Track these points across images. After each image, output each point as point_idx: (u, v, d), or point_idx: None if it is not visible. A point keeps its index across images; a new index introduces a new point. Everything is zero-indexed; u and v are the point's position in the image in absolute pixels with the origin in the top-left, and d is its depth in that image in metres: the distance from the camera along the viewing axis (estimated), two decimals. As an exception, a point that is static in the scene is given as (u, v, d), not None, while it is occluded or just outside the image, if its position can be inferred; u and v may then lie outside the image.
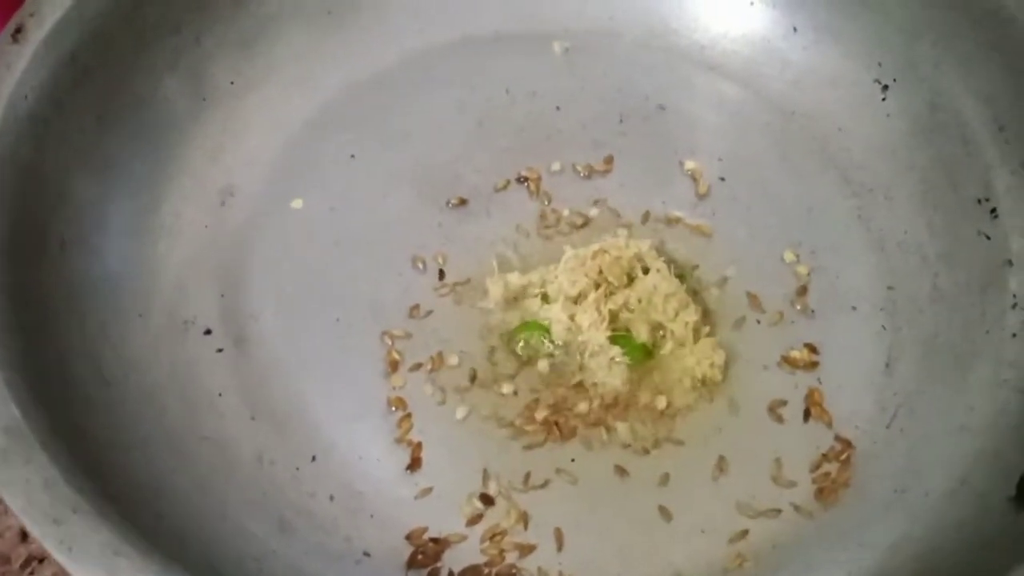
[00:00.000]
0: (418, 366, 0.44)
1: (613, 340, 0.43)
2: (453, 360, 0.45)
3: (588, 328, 0.43)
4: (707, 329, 0.44)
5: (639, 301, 0.44)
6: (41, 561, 0.46)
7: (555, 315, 0.44)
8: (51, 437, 0.32)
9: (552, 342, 0.44)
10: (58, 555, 0.28)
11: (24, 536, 0.47)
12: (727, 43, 0.55)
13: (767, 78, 0.54)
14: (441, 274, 0.47)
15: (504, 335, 0.45)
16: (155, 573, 0.29)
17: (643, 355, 0.43)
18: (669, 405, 0.43)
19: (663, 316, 0.44)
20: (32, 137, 0.40)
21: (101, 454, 0.35)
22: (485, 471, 0.41)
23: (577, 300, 0.44)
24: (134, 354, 0.41)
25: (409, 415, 0.43)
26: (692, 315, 0.44)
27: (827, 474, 0.41)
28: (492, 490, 0.41)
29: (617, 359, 0.43)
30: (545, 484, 0.41)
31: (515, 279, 0.46)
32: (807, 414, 0.43)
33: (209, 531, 0.37)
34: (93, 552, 0.29)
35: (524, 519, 0.40)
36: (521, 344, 0.44)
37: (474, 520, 0.40)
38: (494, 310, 0.46)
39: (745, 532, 0.40)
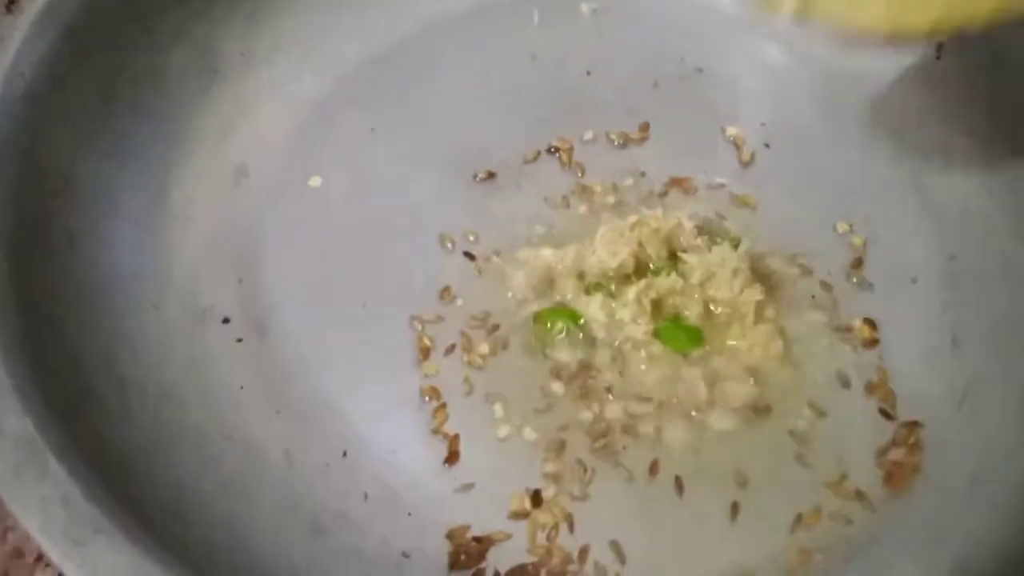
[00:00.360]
0: (451, 350, 0.41)
1: (657, 334, 0.40)
2: (481, 348, 0.42)
3: (629, 323, 0.41)
4: (770, 311, 0.41)
5: (700, 277, 0.41)
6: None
7: (592, 313, 0.41)
8: (67, 448, 0.29)
9: (581, 330, 0.41)
10: (78, 579, 0.26)
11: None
12: (768, 0, 0.51)
13: (811, 37, 0.50)
14: (470, 255, 0.44)
15: (536, 320, 0.42)
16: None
17: (692, 344, 0.40)
18: (720, 398, 0.40)
19: (728, 293, 0.41)
20: (32, 118, 0.37)
21: (121, 461, 0.32)
22: (531, 466, 0.39)
23: (617, 285, 0.41)
24: (150, 349, 0.39)
25: (444, 405, 0.40)
26: (757, 294, 0.41)
27: (895, 461, 0.38)
28: (541, 485, 0.38)
29: (659, 355, 0.40)
30: (593, 478, 0.38)
31: (549, 255, 0.43)
32: (870, 394, 0.40)
33: (239, 537, 0.34)
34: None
35: (570, 518, 0.37)
36: (547, 330, 0.42)
37: (520, 515, 0.37)
38: (527, 291, 0.43)
39: (812, 525, 0.37)
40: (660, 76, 0.50)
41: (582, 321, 0.41)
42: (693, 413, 0.40)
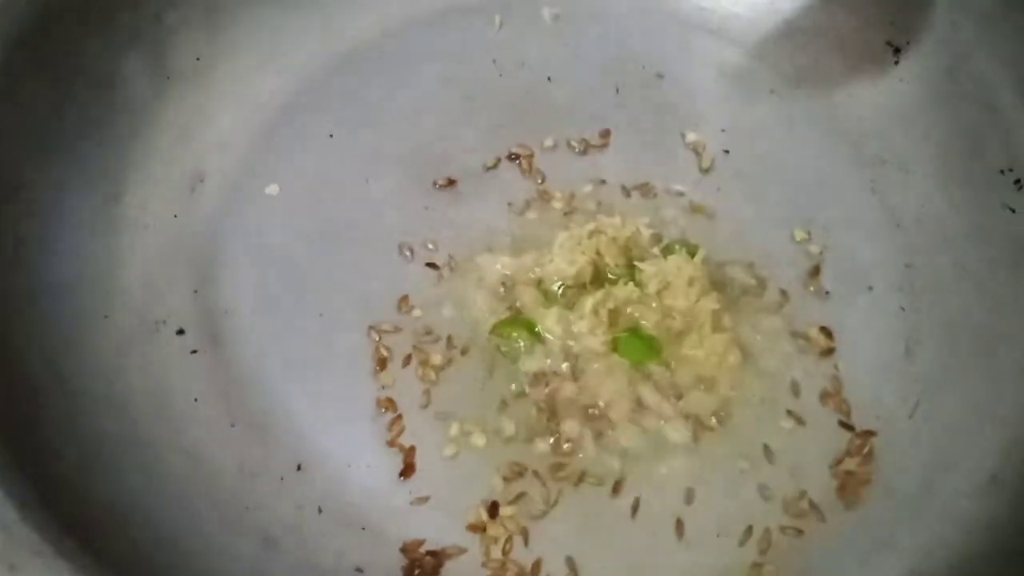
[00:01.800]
0: (408, 361, 0.41)
1: (614, 346, 0.40)
2: (438, 359, 0.41)
3: (587, 335, 0.40)
4: (727, 320, 0.41)
5: (657, 286, 0.41)
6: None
7: (549, 325, 0.41)
8: (8, 466, 0.29)
9: (537, 341, 0.41)
10: (14, 604, 0.25)
11: None
12: (728, 4, 0.51)
13: (771, 42, 0.50)
14: (433, 265, 0.44)
15: (494, 329, 0.42)
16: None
17: (650, 355, 0.40)
18: (678, 407, 0.40)
19: (685, 302, 0.41)
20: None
21: (66, 477, 0.32)
22: (486, 479, 0.38)
23: (575, 294, 0.41)
24: (101, 360, 0.38)
25: (400, 416, 0.40)
26: (714, 303, 0.41)
27: (848, 471, 0.39)
28: (499, 499, 0.38)
29: (616, 366, 0.40)
30: (550, 495, 0.38)
31: (507, 263, 0.43)
32: (824, 404, 0.40)
33: (188, 554, 0.34)
34: (52, 599, 0.26)
35: (525, 532, 0.37)
36: (504, 342, 0.41)
37: (477, 528, 0.37)
38: (485, 302, 0.43)
39: (763, 536, 0.37)
40: (621, 82, 0.50)
41: (538, 330, 0.41)
42: (649, 426, 0.40)
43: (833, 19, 0.49)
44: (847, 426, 0.40)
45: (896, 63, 0.48)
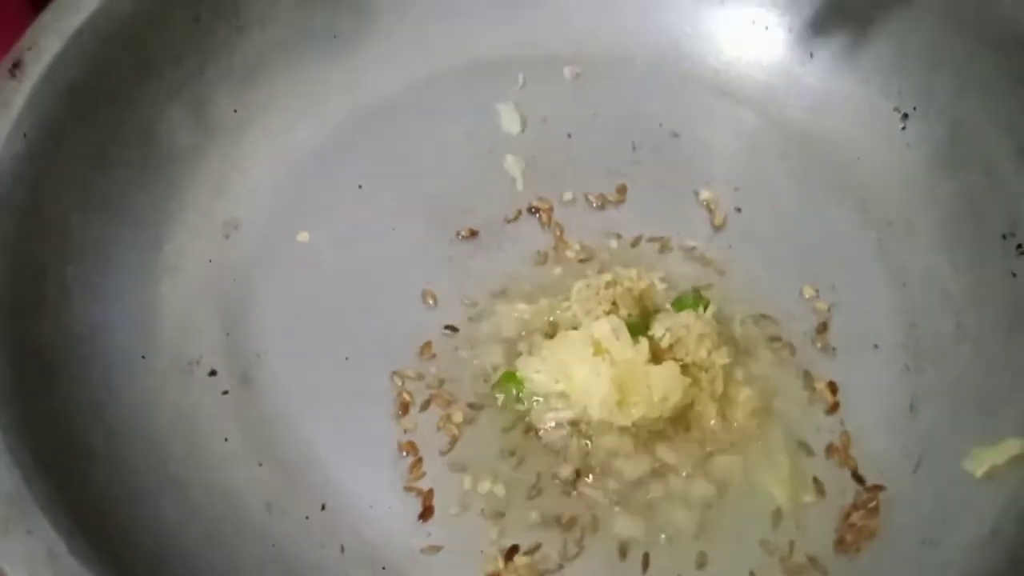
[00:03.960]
0: (428, 406, 0.43)
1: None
2: (459, 416, 0.43)
3: (598, 407, 0.41)
4: (739, 373, 0.43)
5: (669, 340, 0.42)
6: None
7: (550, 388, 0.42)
8: (55, 501, 0.30)
9: (529, 400, 0.42)
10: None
11: None
12: (742, 67, 0.53)
13: (783, 104, 0.52)
14: (452, 328, 0.45)
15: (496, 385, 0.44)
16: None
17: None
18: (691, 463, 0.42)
19: (694, 357, 0.42)
20: (31, 177, 0.39)
21: (106, 512, 0.33)
22: (502, 527, 0.40)
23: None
24: (137, 399, 0.40)
25: (420, 460, 0.42)
26: (724, 357, 0.42)
27: (854, 524, 0.40)
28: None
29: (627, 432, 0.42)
30: (567, 549, 0.40)
31: (525, 309, 0.45)
32: (830, 457, 0.42)
33: (219, 589, 0.35)
34: (100, 633, 0.27)
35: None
36: (507, 397, 0.43)
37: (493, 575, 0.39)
38: (503, 348, 0.44)
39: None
40: (638, 139, 0.52)
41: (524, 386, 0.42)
42: (661, 484, 0.41)
43: (843, 84, 0.51)
44: (859, 479, 0.41)
45: (903, 128, 0.50)
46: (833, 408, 0.43)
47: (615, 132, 0.52)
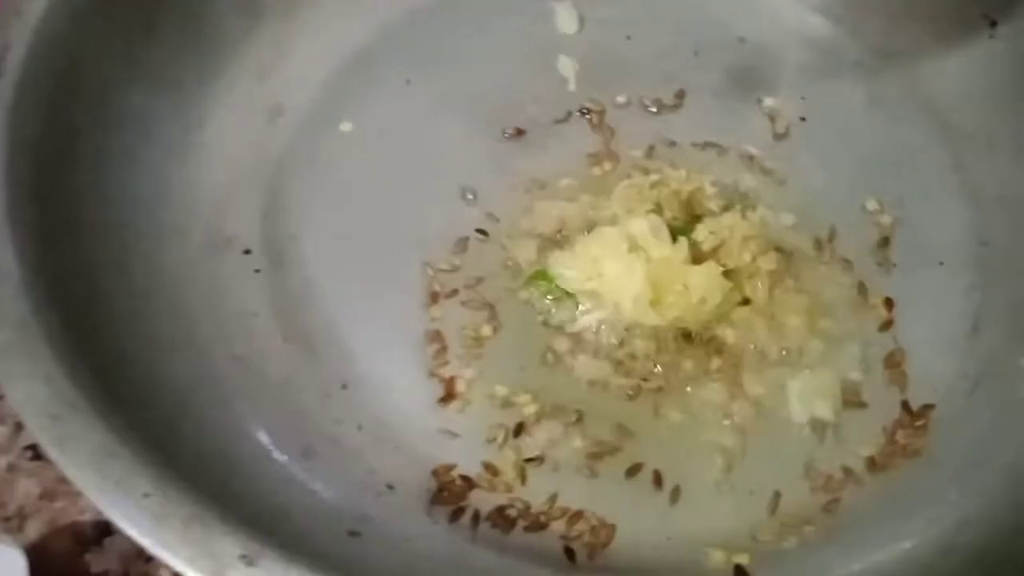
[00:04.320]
0: (454, 295, 0.42)
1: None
2: (488, 311, 0.42)
3: (631, 305, 0.39)
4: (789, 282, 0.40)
5: (713, 243, 0.40)
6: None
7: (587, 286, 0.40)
8: (61, 336, 0.31)
9: (560, 298, 0.41)
10: (51, 452, 0.27)
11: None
12: (817, -28, 0.50)
13: (860, 12, 0.49)
14: (482, 232, 0.44)
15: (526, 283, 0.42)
16: (148, 477, 0.27)
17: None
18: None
19: (738, 262, 0.40)
20: (74, 38, 0.39)
21: (117, 361, 0.33)
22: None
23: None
24: (168, 268, 0.40)
25: (445, 348, 0.41)
26: (771, 263, 0.40)
27: (897, 442, 0.37)
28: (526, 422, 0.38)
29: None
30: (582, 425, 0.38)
31: (565, 207, 0.43)
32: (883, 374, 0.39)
33: (229, 451, 0.35)
34: (87, 451, 0.27)
35: (555, 463, 0.38)
36: (536, 296, 0.41)
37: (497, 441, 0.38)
38: (533, 247, 0.43)
39: (806, 496, 0.36)
40: (701, 44, 0.49)
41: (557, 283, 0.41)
42: (688, 389, 0.39)
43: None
44: (908, 401, 0.39)
45: (991, 37, 0.46)
46: (887, 324, 0.41)
47: (677, 36, 0.50)
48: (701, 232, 0.41)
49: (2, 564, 0.40)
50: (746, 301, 0.40)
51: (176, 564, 0.25)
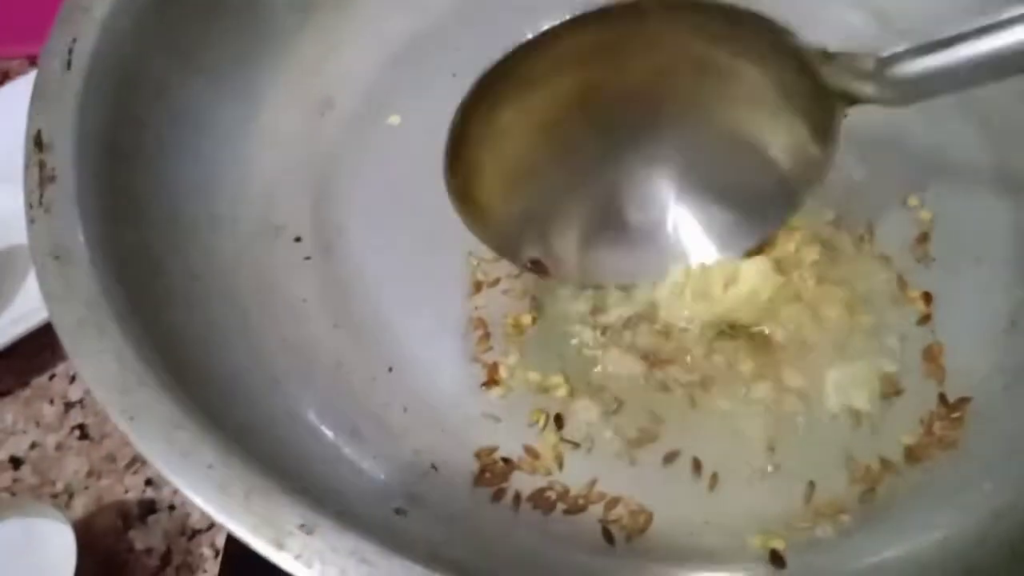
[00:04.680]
0: (496, 282, 0.43)
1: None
2: (528, 301, 0.43)
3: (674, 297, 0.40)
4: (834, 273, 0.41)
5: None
6: (145, 463, 0.48)
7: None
8: (129, 315, 0.32)
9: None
10: (121, 424, 0.29)
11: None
12: (863, -32, 0.50)
13: (902, 9, 0.49)
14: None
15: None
16: (213, 449, 0.29)
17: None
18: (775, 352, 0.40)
19: (782, 252, 0.41)
20: (137, 33, 0.41)
21: (176, 342, 0.35)
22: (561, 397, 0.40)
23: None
24: (223, 254, 0.42)
25: (488, 335, 0.42)
26: (814, 254, 0.41)
27: (933, 433, 0.38)
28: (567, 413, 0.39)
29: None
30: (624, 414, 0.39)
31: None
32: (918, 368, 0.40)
33: (280, 429, 0.37)
34: (155, 423, 0.29)
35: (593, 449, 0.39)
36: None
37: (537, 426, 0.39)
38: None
39: (843, 485, 0.37)
40: (741, 40, 0.50)
41: None
42: (729, 381, 0.40)
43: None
44: (945, 393, 0.39)
45: (1035, 34, 0.46)
46: (925, 318, 0.41)
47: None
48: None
49: (53, 539, 0.42)
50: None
51: (239, 531, 0.27)
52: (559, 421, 0.39)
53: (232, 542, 0.43)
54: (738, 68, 0.37)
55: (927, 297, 0.41)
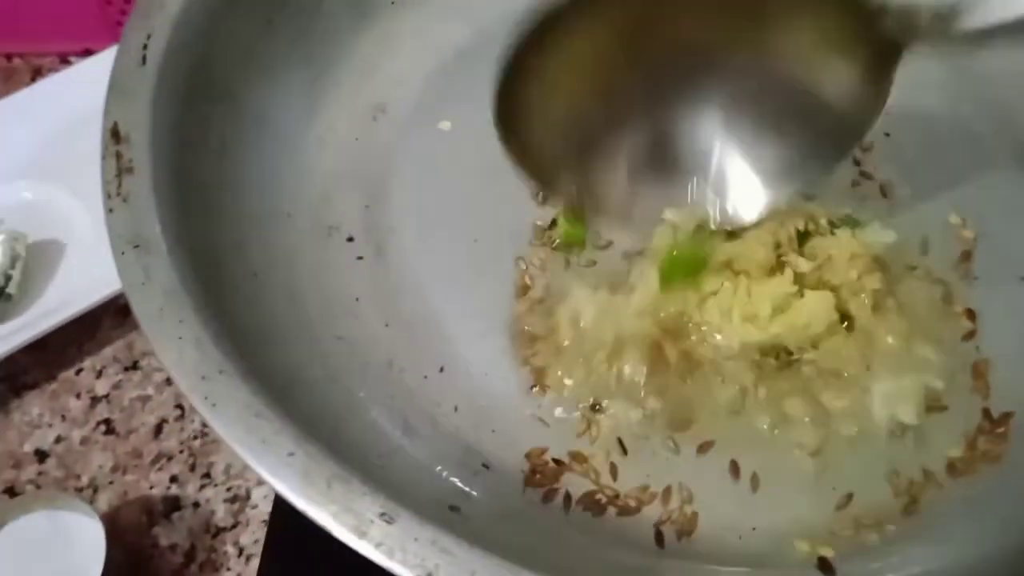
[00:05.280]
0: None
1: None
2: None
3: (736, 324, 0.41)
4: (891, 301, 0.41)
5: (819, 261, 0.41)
6: (170, 459, 0.49)
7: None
8: (204, 306, 0.33)
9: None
10: (203, 410, 0.29)
11: (157, 432, 0.49)
12: (905, -8, 0.51)
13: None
14: None
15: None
16: (292, 438, 0.29)
17: (694, 271, 0.41)
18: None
19: (843, 279, 0.41)
20: (207, 31, 0.41)
21: (241, 339, 0.35)
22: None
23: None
24: (280, 252, 0.43)
25: (535, 338, 0.43)
26: (876, 282, 0.41)
27: (980, 449, 0.38)
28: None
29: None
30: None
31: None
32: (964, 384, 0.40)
33: (338, 420, 0.37)
34: (235, 410, 0.30)
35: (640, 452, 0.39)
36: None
37: (583, 430, 0.40)
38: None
39: (887, 498, 0.38)
40: None
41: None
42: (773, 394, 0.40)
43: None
44: (989, 407, 0.40)
45: (1079, 60, 0.47)
46: (970, 335, 0.42)
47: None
48: (811, 250, 0.42)
49: (82, 532, 0.43)
50: (843, 318, 0.41)
51: (321, 519, 0.27)
52: (601, 423, 0.40)
53: (278, 516, 0.43)
54: (790, 13, 0.38)
55: (970, 314, 0.42)
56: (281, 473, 0.28)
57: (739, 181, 0.42)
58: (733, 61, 0.39)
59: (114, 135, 0.35)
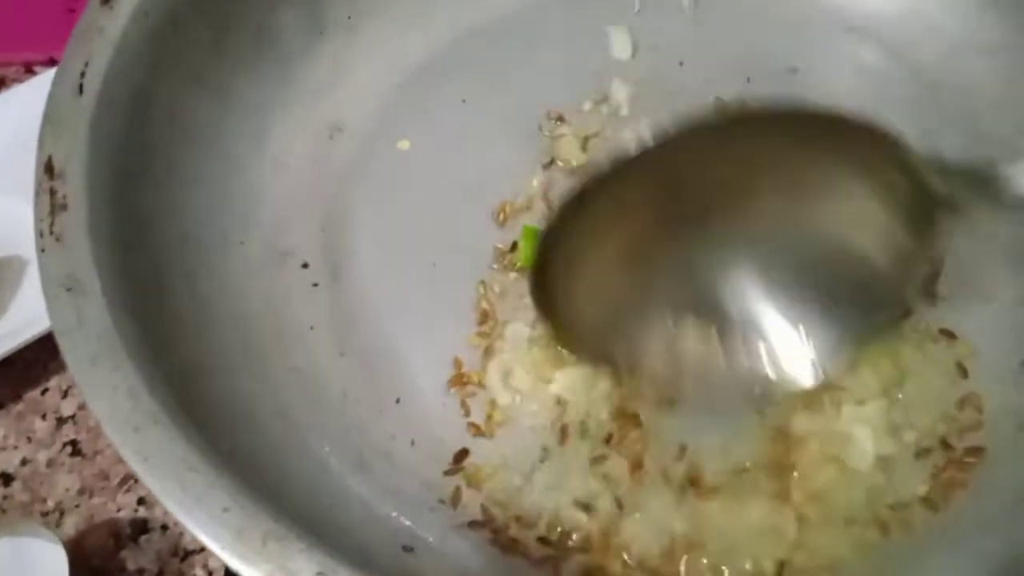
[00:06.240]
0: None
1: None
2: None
3: None
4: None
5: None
6: (137, 481, 0.47)
7: None
8: (140, 348, 0.32)
9: None
10: (134, 464, 0.28)
11: (123, 454, 0.48)
12: (872, 1, 0.50)
13: (915, 44, 0.49)
14: None
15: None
16: (227, 491, 0.28)
17: None
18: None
19: None
20: (149, 56, 0.40)
21: (186, 373, 0.34)
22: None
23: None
24: (230, 279, 0.42)
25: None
26: None
27: (947, 476, 0.38)
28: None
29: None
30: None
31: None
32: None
33: (286, 461, 0.36)
34: (169, 464, 0.28)
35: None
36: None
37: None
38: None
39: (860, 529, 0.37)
40: (753, 72, 0.50)
41: None
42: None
43: (983, 24, 0.48)
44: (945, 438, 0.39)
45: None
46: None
47: (730, 64, 0.50)
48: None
49: (45, 558, 0.42)
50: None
51: (254, 578, 0.26)
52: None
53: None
54: (834, 175, 0.36)
55: (948, 334, 0.41)
56: (214, 532, 0.27)
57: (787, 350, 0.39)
58: (774, 228, 0.37)
59: (48, 170, 0.34)
